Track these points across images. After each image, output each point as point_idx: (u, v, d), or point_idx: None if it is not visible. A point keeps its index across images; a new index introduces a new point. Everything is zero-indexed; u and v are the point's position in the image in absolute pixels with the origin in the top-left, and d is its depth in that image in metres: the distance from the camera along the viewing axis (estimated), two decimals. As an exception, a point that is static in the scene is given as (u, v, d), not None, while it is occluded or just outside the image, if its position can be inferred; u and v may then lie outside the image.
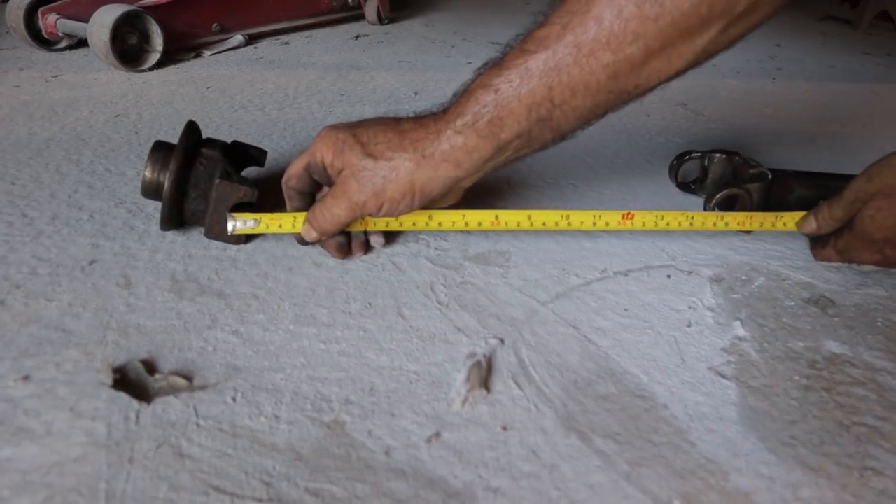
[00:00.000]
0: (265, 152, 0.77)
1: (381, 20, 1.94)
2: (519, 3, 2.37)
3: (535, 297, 0.64)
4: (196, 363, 0.54)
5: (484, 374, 0.53)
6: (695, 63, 0.55)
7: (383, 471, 0.45)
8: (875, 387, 0.55)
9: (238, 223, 0.68)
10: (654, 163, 0.99)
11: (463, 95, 0.58)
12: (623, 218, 0.70)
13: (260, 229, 0.68)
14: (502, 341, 0.58)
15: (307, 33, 1.82)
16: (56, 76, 1.35)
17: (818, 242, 0.74)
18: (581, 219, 0.69)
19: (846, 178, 0.79)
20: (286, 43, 1.70)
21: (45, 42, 1.53)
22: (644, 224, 0.71)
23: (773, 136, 1.14)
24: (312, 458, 0.45)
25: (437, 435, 0.48)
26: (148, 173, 0.68)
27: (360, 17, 1.97)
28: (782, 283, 0.69)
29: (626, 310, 0.63)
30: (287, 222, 0.67)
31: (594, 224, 0.70)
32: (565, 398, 0.52)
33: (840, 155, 1.07)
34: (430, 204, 0.64)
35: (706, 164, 0.87)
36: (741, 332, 0.61)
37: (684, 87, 1.41)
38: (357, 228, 0.68)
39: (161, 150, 0.69)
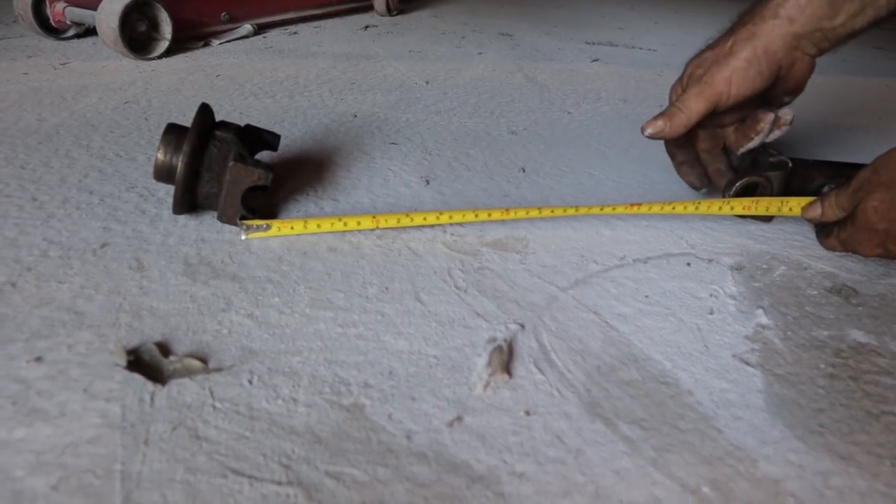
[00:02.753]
0: (278, 136, 0.76)
1: (389, 11, 1.93)
2: None
3: (554, 284, 0.63)
4: (211, 346, 0.53)
5: (505, 358, 0.52)
6: None
7: (405, 455, 0.44)
8: (903, 376, 0.54)
9: (251, 229, 0.68)
10: (669, 152, 0.97)
11: None
12: (630, 205, 0.71)
13: (272, 233, 0.68)
14: (523, 326, 0.57)
15: (316, 23, 1.81)
16: (64, 64, 1.34)
17: (823, 231, 0.73)
18: (588, 205, 0.69)
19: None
20: (295, 33, 1.69)
21: (52, 30, 1.52)
22: (650, 209, 0.71)
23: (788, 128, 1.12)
24: (332, 442, 0.44)
25: (459, 419, 0.47)
26: (160, 156, 0.67)
27: (369, 7, 1.96)
28: (804, 272, 0.68)
29: (646, 297, 0.62)
30: (298, 225, 0.67)
31: (601, 210, 0.70)
32: (589, 383, 0.51)
33: (856, 147, 1.05)
34: (777, 72, 0.69)
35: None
36: (764, 320, 0.60)
37: (697, 79, 1.40)
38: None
39: (174, 133, 0.68)
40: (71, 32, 1.53)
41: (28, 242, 0.66)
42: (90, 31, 1.53)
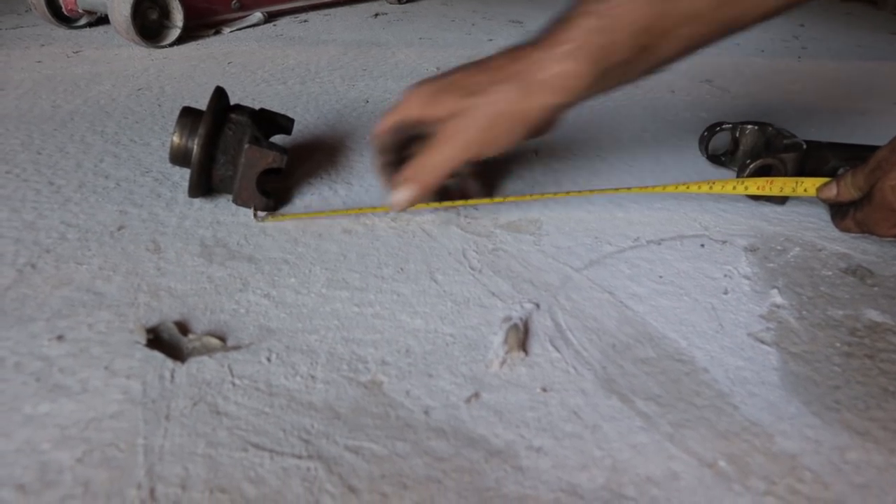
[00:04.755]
0: (292, 120, 0.76)
1: (399, -2, 1.93)
2: None
3: (568, 264, 0.63)
4: (229, 325, 0.53)
5: (521, 336, 0.52)
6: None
7: (423, 429, 0.44)
8: (919, 354, 0.54)
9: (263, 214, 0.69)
10: (681, 136, 0.97)
11: (562, 23, 0.57)
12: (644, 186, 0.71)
13: (287, 217, 0.68)
14: (538, 306, 0.57)
15: (326, 11, 1.81)
16: (77, 52, 1.35)
17: (838, 212, 0.72)
18: (602, 188, 0.69)
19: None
20: (305, 21, 1.69)
21: (65, 19, 1.52)
22: (665, 188, 0.71)
23: (801, 112, 1.12)
24: (351, 417, 0.45)
25: (477, 395, 0.47)
26: (176, 139, 0.67)
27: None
28: (818, 253, 0.68)
29: (660, 277, 0.62)
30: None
31: (616, 190, 0.71)
32: (604, 361, 0.51)
33: (871, 130, 1.05)
34: (531, 135, 0.62)
35: (737, 135, 0.85)
36: (779, 299, 0.60)
37: (708, 65, 1.40)
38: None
39: (189, 116, 0.68)
40: (83, 21, 1.54)
41: (46, 225, 0.66)
42: (102, 20, 1.53)
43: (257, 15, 1.62)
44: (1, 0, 1.84)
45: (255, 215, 0.69)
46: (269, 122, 0.74)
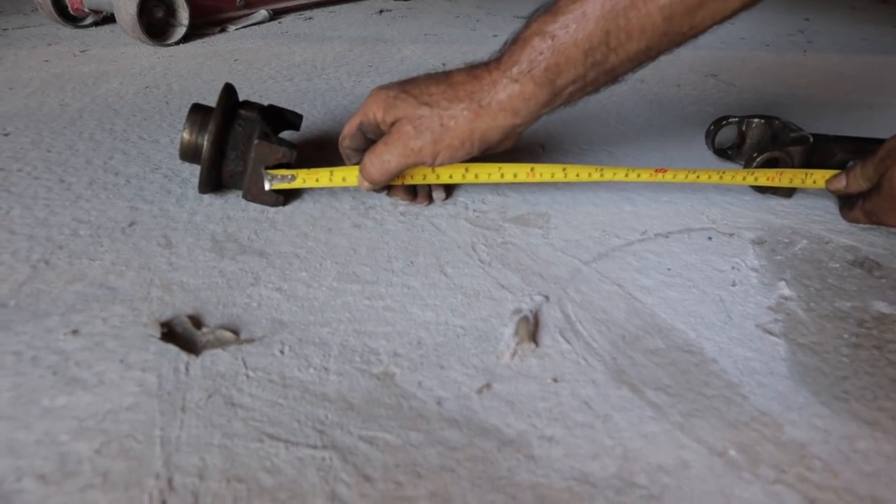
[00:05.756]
0: (300, 116, 0.76)
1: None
2: None
3: (577, 257, 0.64)
4: (241, 318, 0.54)
5: (531, 328, 0.53)
6: (750, 3, 0.54)
7: (436, 420, 0.45)
8: (926, 345, 0.54)
9: (276, 179, 0.68)
10: (687, 130, 0.98)
11: (516, 44, 0.58)
12: (655, 171, 0.70)
13: (297, 184, 0.68)
14: (547, 298, 0.57)
15: (331, 8, 1.81)
16: (84, 51, 1.35)
17: (847, 203, 0.73)
18: (614, 171, 0.69)
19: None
20: (310, 18, 1.69)
21: (71, 18, 1.53)
22: (675, 177, 0.70)
23: (807, 106, 1.12)
24: (364, 408, 0.45)
25: (488, 386, 0.47)
26: (186, 135, 0.68)
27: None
28: (825, 245, 0.68)
29: (668, 269, 0.63)
30: (324, 177, 0.68)
31: (626, 176, 0.70)
32: (614, 352, 0.51)
33: (877, 124, 1.05)
34: (486, 150, 0.63)
35: (744, 129, 0.86)
36: (787, 291, 0.60)
37: (714, 59, 1.40)
38: (396, 182, 0.68)
39: (199, 112, 0.68)
40: (89, 20, 1.54)
41: (58, 222, 0.67)
42: (108, 19, 1.54)
43: (262, 12, 1.62)
44: (7, 0, 1.85)
45: (268, 179, 0.69)
46: (277, 118, 0.74)
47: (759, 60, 1.43)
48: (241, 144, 0.68)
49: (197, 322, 0.53)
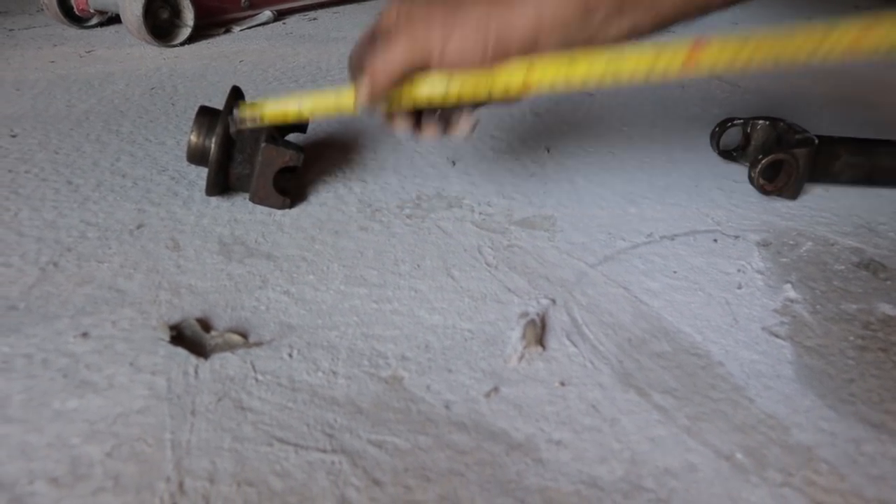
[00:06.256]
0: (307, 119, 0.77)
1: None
2: None
3: (583, 260, 0.64)
4: (250, 321, 0.54)
5: (539, 331, 0.53)
6: None
7: (444, 423, 0.45)
8: (933, 348, 0.54)
9: (243, 123, 0.65)
10: (691, 132, 0.98)
11: None
12: (688, 58, 0.51)
13: (266, 119, 0.64)
14: (554, 301, 0.58)
15: (335, 9, 1.81)
16: (89, 52, 1.36)
17: None
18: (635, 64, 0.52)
19: (893, 145, 0.78)
20: (314, 19, 1.69)
21: (76, 19, 1.53)
22: (717, 60, 0.50)
23: (812, 106, 1.12)
24: (373, 412, 0.46)
25: (496, 390, 0.48)
26: (193, 138, 0.68)
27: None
28: (831, 247, 0.68)
29: (674, 272, 0.63)
30: (292, 107, 0.62)
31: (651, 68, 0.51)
32: (621, 355, 0.52)
33: (881, 124, 1.05)
34: (499, 63, 0.51)
35: (749, 130, 0.86)
36: (792, 294, 0.61)
37: (719, 59, 1.39)
38: (402, 101, 0.56)
39: (206, 115, 0.69)
40: (94, 21, 1.55)
41: (67, 224, 0.67)
42: (113, 20, 1.54)
43: (267, 13, 1.63)
44: (12, 0, 1.86)
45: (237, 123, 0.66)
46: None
47: (763, 61, 1.42)
48: (248, 147, 0.68)
49: (206, 325, 0.53)
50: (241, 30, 1.55)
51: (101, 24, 1.55)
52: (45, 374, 0.48)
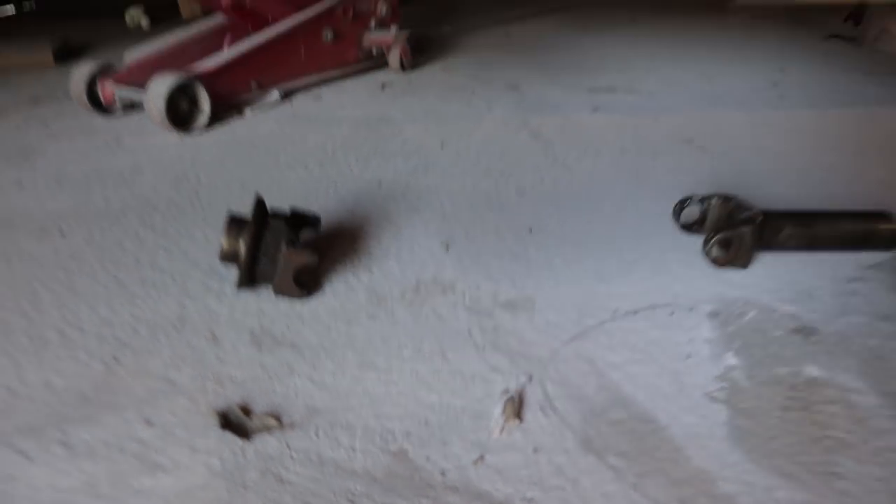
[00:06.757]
0: (319, 219, 0.90)
1: (403, 68, 2.08)
2: (530, 43, 2.49)
3: (556, 338, 0.76)
4: (282, 406, 0.66)
5: (517, 406, 0.65)
6: None
7: (441, 488, 0.57)
8: (846, 405, 0.66)
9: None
10: (662, 203, 1.09)
11: None
12: None
13: None
14: (530, 378, 0.70)
15: (337, 84, 1.95)
16: (118, 141, 1.49)
17: None
18: None
19: (831, 215, 0.91)
20: (319, 97, 1.83)
21: (102, 108, 1.67)
22: None
23: (771, 172, 1.24)
24: (385, 480, 0.58)
25: (482, 458, 0.60)
26: (225, 245, 0.81)
27: (385, 64, 2.11)
28: (772, 314, 0.80)
29: (634, 346, 0.75)
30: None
31: None
32: (584, 423, 0.63)
33: (833, 187, 1.16)
34: None
35: (705, 208, 0.98)
36: (733, 361, 0.72)
37: (691, 123, 1.52)
38: None
39: (235, 224, 0.82)
40: (118, 108, 1.69)
41: (120, 321, 0.80)
42: (135, 105, 1.68)
43: (275, 94, 1.77)
44: (39, 82, 2.01)
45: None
46: (300, 221, 0.88)
47: (732, 121, 1.55)
48: (271, 249, 0.81)
49: (246, 410, 0.65)
50: (253, 111, 1.68)
51: (124, 110, 1.69)
52: (121, 457, 0.60)
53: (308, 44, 1.90)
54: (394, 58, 2.06)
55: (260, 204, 0.83)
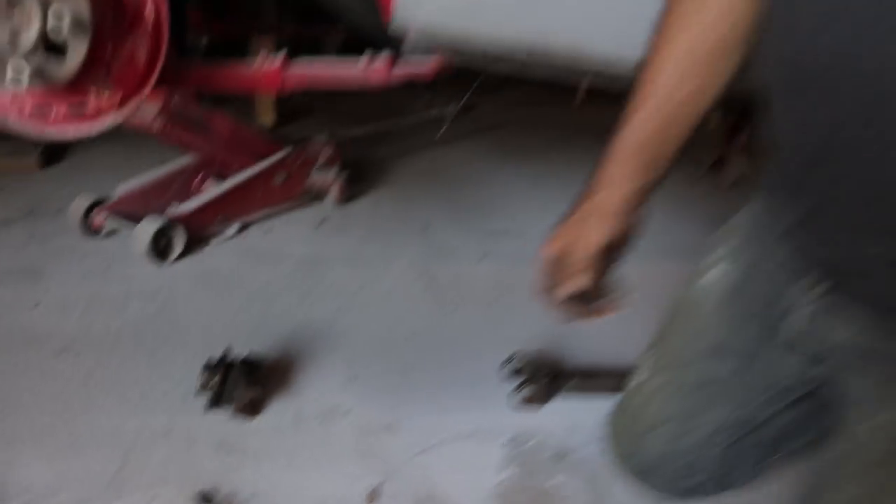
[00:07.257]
0: (263, 361, 1.37)
1: (339, 202, 2.55)
2: (452, 174, 2.85)
3: (410, 451, 1.23)
4: (236, 490, 1.11)
5: (375, 496, 1.11)
6: None
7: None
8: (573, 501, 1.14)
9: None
10: (504, 352, 1.57)
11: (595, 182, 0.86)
12: None
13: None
14: (387, 477, 1.16)
15: (284, 216, 2.40)
16: (108, 268, 1.90)
17: None
18: None
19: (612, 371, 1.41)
20: (270, 230, 2.27)
21: (92, 232, 2.09)
22: None
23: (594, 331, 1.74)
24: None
25: (350, 526, 1.06)
26: (199, 384, 1.27)
27: (326, 194, 2.56)
28: (545, 441, 1.29)
29: (456, 459, 1.22)
30: None
31: None
32: (412, 508, 1.10)
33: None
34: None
35: (524, 362, 1.47)
36: (513, 472, 1.20)
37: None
38: None
39: (207, 369, 1.28)
40: (105, 232, 2.10)
41: (127, 428, 1.24)
42: (117, 230, 2.09)
43: (235, 226, 2.22)
44: (29, 190, 2.38)
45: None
46: (252, 364, 1.34)
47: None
48: (231, 385, 1.27)
49: (211, 495, 1.10)
50: (216, 242, 2.13)
51: (108, 234, 2.10)
52: (141, 520, 1.04)
53: (264, 185, 2.36)
54: (332, 196, 2.54)
55: (225, 355, 1.29)
